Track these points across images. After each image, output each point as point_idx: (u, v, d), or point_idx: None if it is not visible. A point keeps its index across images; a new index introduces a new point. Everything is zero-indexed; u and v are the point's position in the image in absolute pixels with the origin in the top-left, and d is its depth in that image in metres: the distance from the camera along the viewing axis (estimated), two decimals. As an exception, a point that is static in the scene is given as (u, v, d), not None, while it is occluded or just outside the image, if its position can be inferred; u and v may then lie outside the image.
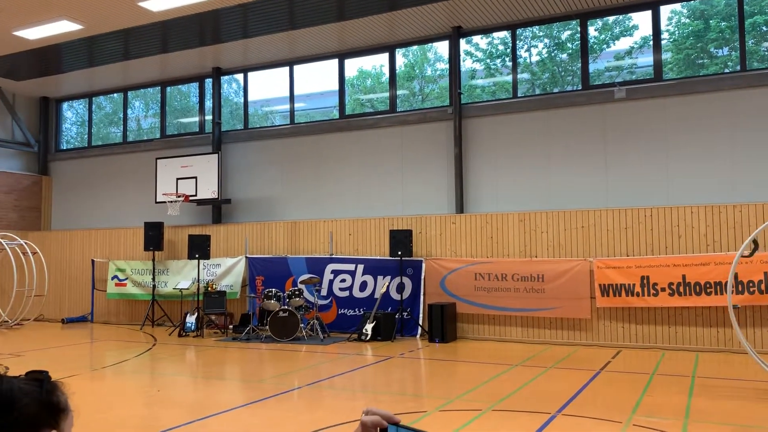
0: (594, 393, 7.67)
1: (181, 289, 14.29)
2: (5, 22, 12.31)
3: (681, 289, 10.61)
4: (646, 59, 12.16)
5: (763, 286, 10.06)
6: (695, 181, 11.21)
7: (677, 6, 11.97)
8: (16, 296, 15.27)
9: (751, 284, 10.13)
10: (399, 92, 14.18)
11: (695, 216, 10.85)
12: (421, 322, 12.52)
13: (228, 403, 7.54)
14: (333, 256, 13.53)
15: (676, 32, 12.10)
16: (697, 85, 11.39)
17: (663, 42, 11.89)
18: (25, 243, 15.39)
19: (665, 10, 11.92)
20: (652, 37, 11.91)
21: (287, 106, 15.26)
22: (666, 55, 11.97)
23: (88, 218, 17.47)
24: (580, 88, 12.45)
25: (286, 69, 15.08)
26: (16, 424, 1.24)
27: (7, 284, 15.80)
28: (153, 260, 15.07)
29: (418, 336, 12.46)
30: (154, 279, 15.05)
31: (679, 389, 7.70)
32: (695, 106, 11.34)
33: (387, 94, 14.22)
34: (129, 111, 17.54)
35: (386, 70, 14.26)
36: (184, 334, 13.19)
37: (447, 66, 13.61)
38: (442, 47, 13.83)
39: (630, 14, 12.29)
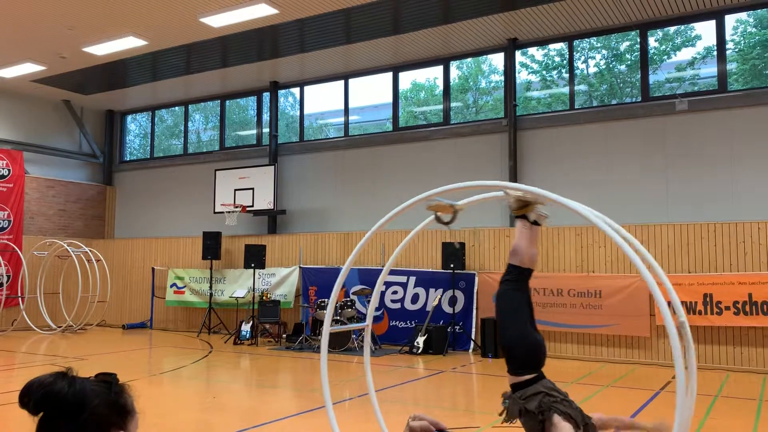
0: (654, 413, 7.42)
1: (236, 298, 14.57)
2: (76, 39, 12.89)
3: (747, 308, 10.18)
4: (710, 70, 11.79)
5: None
6: (762, 196, 10.77)
7: (743, 15, 11.58)
8: (80, 302, 15.86)
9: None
10: (453, 104, 14.16)
11: (762, 232, 10.42)
12: (473, 337, 12.39)
13: (280, 411, 7.62)
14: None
15: (742, 42, 11.70)
16: (764, 97, 10.97)
17: (728, 52, 11.51)
18: (90, 251, 15.98)
19: (730, 20, 11.54)
20: (716, 47, 11.54)
21: (342, 119, 15.43)
22: (731, 66, 11.58)
23: (149, 227, 18.02)
24: (639, 99, 12.16)
25: (341, 82, 15.27)
26: (87, 424, 1.28)
27: (72, 290, 16.43)
28: (210, 269, 15.42)
29: (470, 351, 12.32)
30: (211, 287, 15.38)
31: (744, 412, 7.37)
32: (762, 118, 10.91)
33: (440, 107, 14.22)
34: (189, 124, 18.07)
35: (440, 83, 14.27)
36: (239, 342, 13.42)
37: (502, 78, 13.51)
38: (497, 59, 13.74)
39: (692, 24, 11.96)
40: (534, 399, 3.60)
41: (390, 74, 14.68)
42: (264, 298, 14.16)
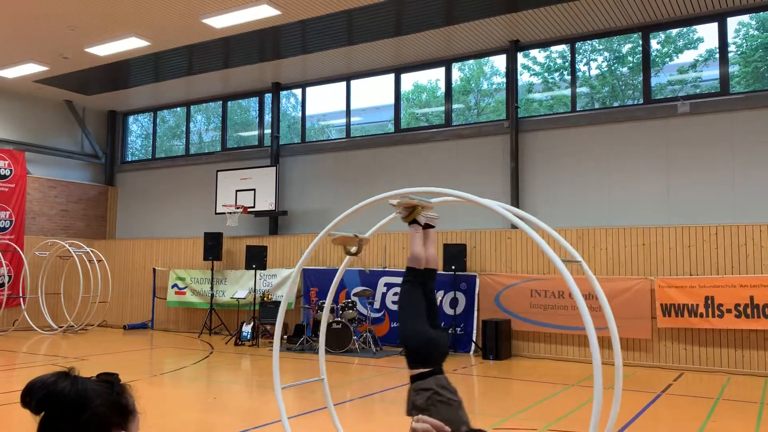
0: (654, 416, 7.41)
1: (238, 299, 14.57)
2: (78, 40, 12.91)
3: (749, 311, 10.16)
4: (712, 72, 11.79)
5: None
6: (764, 199, 10.75)
7: (745, 18, 11.57)
8: (81, 302, 15.87)
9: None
10: (454, 106, 14.16)
11: (764, 234, 10.40)
12: (474, 339, 12.38)
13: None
14: (386, 269, 13.55)
15: (744, 44, 11.69)
16: (766, 99, 10.95)
17: (730, 54, 11.51)
18: (91, 251, 15.99)
19: (732, 22, 11.53)
20: (718, 50, 11.54)
21: (343, 120, 15.43)
22: (733, 68, 11.58)
23: (150, 228, 18.03)
24: (641, 102, 12.15)
25: (343, 84, 15.28)
26: (89, 423, 1.28)
27: (74, 290, 16.44)
28: (212, 270, 15.42)
29: (471, 352, 12.31)
30: (212, 288, 15.39)
31: (745, 416, 7.36)
32: (764, 121, 10.90)
33: (442, 108, 14.22)
34: (191, 124, 18.08)
35: (442, 84, 14.27)
36: (240, 343, 13.42)
37: (503, 80, 13.51)
38: (499, 61, 13.74)
39: (694, 27, 11.95)
40: (423, 394, 3.74)
41: (392, 76, 14.69)
42: (265, 299, 14.17)
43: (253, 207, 15.26)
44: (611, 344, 4.43)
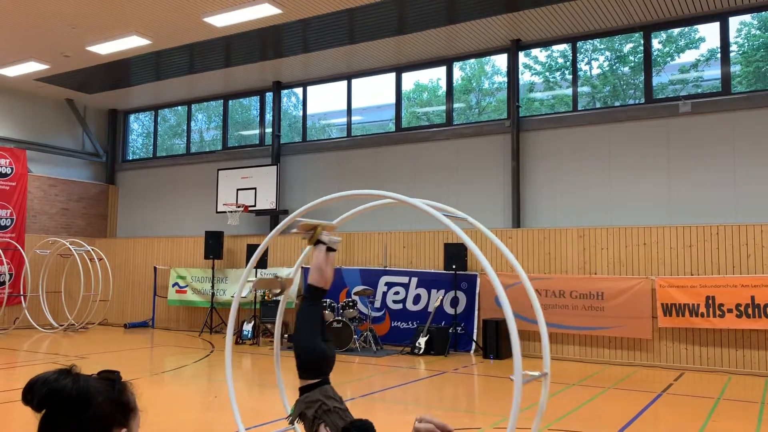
0: (655, 416, 7.41)
1: (238, 298, 14.55)
2: (79, 38, 12.91)
3: (750, 311, 10.15)
4: (713, 72, 11.78)
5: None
6: (765, 199, 10.75)
7: (747, 17, 11.56)
8: (82, 300, 15.87)
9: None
10: (455, 105, 14.15)
11: (765, 234, 10.40)
12: (475, 338, 12.38)
13: (282, 411, 7.61)
14: (387, 269, 13.55)
15: (746, 44, 11.68)
16: (767, 99, 10.94)
17: (732, 54, 11.49)
18: (92, 249, 15.99)
19: (734, 22, 11.52)
20: (720, 50, 11.52)
21: (344, 119, 15.43)
22: (735, 68, 11.56)
23: (151, 226, 18.04)
24: (642, 101, 12.14)
25: (344, 83, 15.27)
26: (90, 421, 1.28)
27: (75, 289, 16.44)
28: (213, 268, 15.43)
29: (472, 352, 12.31)
30: (213, 287, 15.40)
31: (746, 416, 7.35)
32: (766, 121, 10.89)
33: (443, 108, 14.22)
34: (192, 123, 18.08)
35: (443, 84, 14.26)
36: (240, 341, 13.42)
37: (505, 79, 13.51)
38: (500, 60, 13.74)
39: (696, 26, 11.94)
40: (313, 405, 3.95)
41: (393, 75, 14.69)
42: (266, 298, 14.17)
43: (254, 206, 15.26)
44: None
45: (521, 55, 13.32)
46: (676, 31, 12.17)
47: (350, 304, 12.55)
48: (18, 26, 12.34)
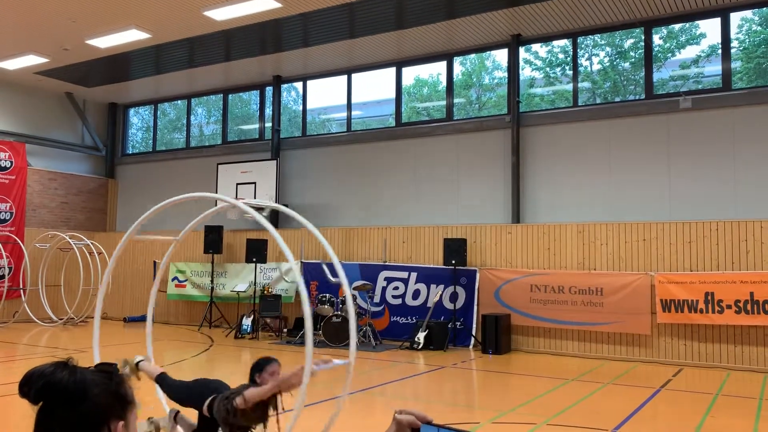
0: (653, 411, 7.42)
1: (238, 292, 14.58)
2: (79, 32, 12.87)
3: (749, 307, 10.16)
4: (714, 68, 11.75)
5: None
6: (765, 195, 10.74)
7: (748, 13, 11.53)
8: (81, 294, 15.88)
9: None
10: (456, 100, 14.13)
11: (765, 231, 10.40)
12: (474, 333, 12.39)
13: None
14: (386, 264, 13.55)
15: (747, 40, 11.66)
16: (768, 95, 10.94)
17: (732, 50, 11.47)
18: (92, 243, 15.99)
19: (735, 18, 11.49)
20: (720, 46, 11.50)
21: (344, 114, 15.41)
22: (735, 64, 11.54)
23: (150, 220, 17.94)
24: (643, 97, 12.12)
25: (344, 77, 15.24)
26: (87, 413, 1.28)
27: (74, 282, 16.45)
28: (212, 263, 15.43)
29: (470, 347, 12.33)
30: (212, 281, 15.40)
31: (744, 412, 7.37)
32: (766, 117, 10.88)
33: (443, 103, 14.20)
34: (192, 117, 18.05)
35: (443, 79, 14.24)
36: (240, 336, 13.44)
37: (505, 74, 13.48)
38: (501, 55, 13.71)
39: (697, 22, 11.91)
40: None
41: (393, 69, 14.66)
42: (265, 292, 14.18)
43: (254, 200, 15.24)
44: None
45: (522, 50, 13.29)
46: (677, 26, 12.14)
47: (349, 298, 12.53)
48: (18, 19, 12.31)
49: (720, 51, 11.51)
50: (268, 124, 16.23)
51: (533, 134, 12.84)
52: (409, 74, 14.76)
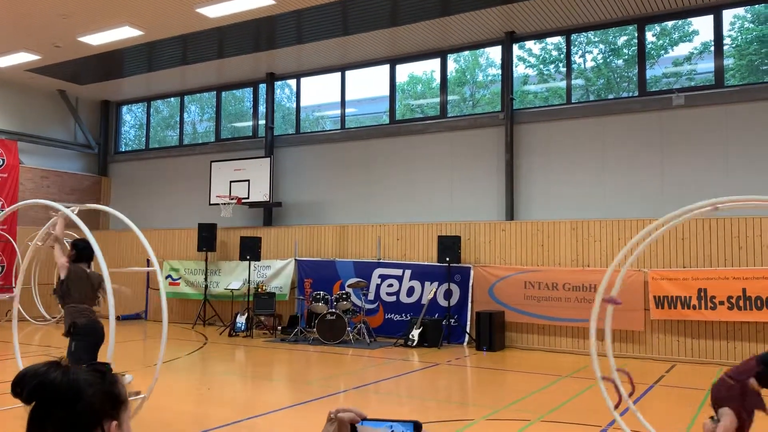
0: (647, 407, 7.45)
1: (232, 290, 14.56)
2: (71, 29, 12.80)
3: (741, 303, 10.22)
4: (707, 65, 11.80)
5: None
6: (757, 192, 10.76)
7: (740, 11, 11.58)
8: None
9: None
10: (449, 98, 14.13)
11: (757, 227, 10.45)
12: (468, 330, 12.42)
13: (275, 403, 7.63)
14: (381, 261, 13.55)
15: (739, 37, 11.70)
16: (760, 92, 10.98)
17: (725, 47, 11.51)
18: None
19: (728, 15, 11.54)
20: (713, 43, 11.54)
21: (338, 112, 15.39)
22: (728, 61, 11.58)
23: (144, 218, 17.94)
24: (636, 94, 12.16)
25: (338, 75, 15.22)
26: (81, 413, 1.28)
27: (67, 281, 16.37)
28: (206, 261, 15.39)
29: (465, 344, 12.35)
30: (206, 279, 15.36)
31: (737, 407, 7.40)
32: (758, 114, 10.93)
33: (437, 100, 14.20)
34: (185, 115, 17.99)
35: (437, 76, 14.24)
36: (234, 333, 13.42)
37: (499, 71, 13.49)
38: (494, 52, 13.72)
39: (690, 19, 11.95)
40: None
41: (387, 67, 14.65)
42: (259, 290, 14.16)
43: (248, 198, 15.21)
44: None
45: (515, 47, 13.30)
46: (670, 23, 12.18)
47: (344, 296, 12.55)
48: (9, 16, 12.23)
49: (713, 48, 11.55)
50: (262, 122, 16.19)
51: (527, 131, 12.86)
52: (403, 71, 14.75)
